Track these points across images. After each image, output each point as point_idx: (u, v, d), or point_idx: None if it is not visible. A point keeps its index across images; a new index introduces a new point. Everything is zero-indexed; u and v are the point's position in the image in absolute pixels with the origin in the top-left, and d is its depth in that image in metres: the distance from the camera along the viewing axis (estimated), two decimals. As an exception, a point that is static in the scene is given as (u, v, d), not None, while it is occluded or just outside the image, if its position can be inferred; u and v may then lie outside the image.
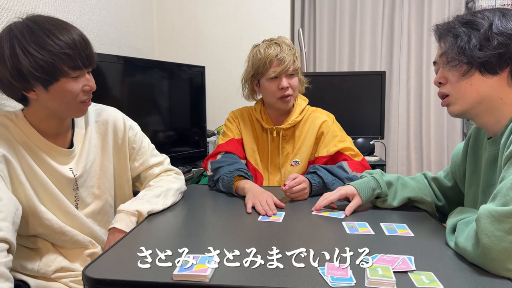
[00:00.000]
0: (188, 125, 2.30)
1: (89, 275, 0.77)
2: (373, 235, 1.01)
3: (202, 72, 2.34)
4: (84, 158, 1.17)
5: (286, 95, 1.49)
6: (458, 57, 0.91)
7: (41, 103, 1.06)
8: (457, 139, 3.06)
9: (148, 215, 1.16)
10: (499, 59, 0.88)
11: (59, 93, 1.04)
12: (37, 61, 0.97)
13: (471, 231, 0.83)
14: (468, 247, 0.82)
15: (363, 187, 1.19)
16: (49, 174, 1.10)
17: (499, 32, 0.88)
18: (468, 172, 1.09)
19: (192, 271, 0.77)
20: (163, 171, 1.35)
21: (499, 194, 0.80)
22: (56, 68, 1.00)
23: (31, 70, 0.97)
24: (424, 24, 2.97)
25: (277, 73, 1.46)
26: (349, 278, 0.76)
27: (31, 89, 1.02)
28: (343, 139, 1.54)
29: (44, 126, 1.10)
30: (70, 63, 1.01)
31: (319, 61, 3.04)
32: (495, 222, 0.77)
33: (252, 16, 2.72)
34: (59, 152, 1.13)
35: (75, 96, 1.06)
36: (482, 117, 0.95)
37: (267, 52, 1.47)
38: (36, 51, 0.97)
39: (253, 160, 1.60)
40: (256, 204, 1.22)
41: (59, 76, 1.01)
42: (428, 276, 0.77)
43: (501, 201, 0.79)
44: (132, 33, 2.37)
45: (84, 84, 1.07)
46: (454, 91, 0.95)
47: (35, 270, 1.08)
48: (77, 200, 1.17)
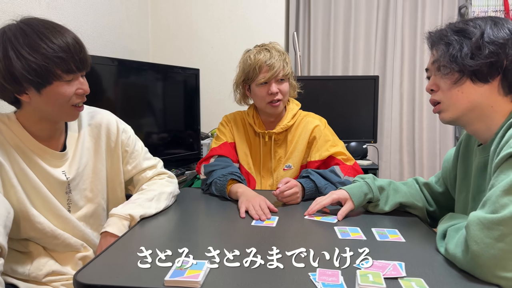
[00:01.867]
0: (182, 127, 2.30)
1: (80, 281, 0.77)
2: (364, 240, 1.01)
3: (196, 75, 2.34)
4: (77, 161, 1.17)
5: (276, 100, 1.50)
6: (450, 65, 0.92)
7: (33, 106, 1.05)
8: (449, 143, 3.09)
9: (141, 219, 1.16)
10: (490, 68, 0.89)
11: (52, 96, 1.03)
12: (30, 64, 0.97)
13: (461, 237, 0.84)
14: (458, 254, 0.83)
15: (355, 192, 1.20)
16: (42, 177, 1.09)
17: (490, 41, 0.89)
18: (458, 178, 1.10)
19: (183, 277, 0.77)
20: (156, 175, 1.34)
21: (488, 201, 0.81)
22: (49, 71, 0.99)
23: (24, 73, 0.97)
24: (417, 29, 2.99)
25: (266, 78, 1.47)
26: (340, 284, 0.76)
27: (23, 92, 1.02)
28: (335, 144, 1.55)
29: (36, 129, 1.10)
30: (63, 67, 1.01)
31: (314, 65, 3.05)
32: (485, 229, 0.78)
33: (247, 19, 2.72)
34: (51, 155, 1.12)
35: (68, 100, 1.06)
36: (473, 125, 0.96)
37: (257, 57, 1.48)
38: (29, 54, 0.97)
39: (246, 164, 1.60)
40: (249, 208, 1.22)
41: (52, 80, 1.01)
42: (418, 282, 0.77)
43: (490, 208, 0.80)
44: (127, 35, 2.37)
45: (77, 87, 1.07)
46: (446, 98, 0.96)
47: (26, 274, 1.07)
48: (69, 203, 1.16)
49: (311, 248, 0.93)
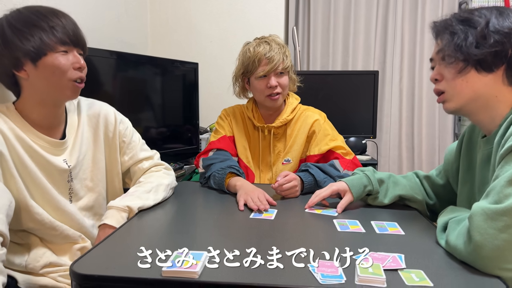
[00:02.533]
0: (180, 121, 2.29)
1: (77, 271, 0.76)
2: (363, 233, 1.01)
3: (195, 69, 2.33)
4: (77, 149, 1.17)
5: (275, 93, 1.49)
6: (455, 55, 0.92)
7: (32, 86, 1.07)
8: (449, 139, 3.09)
9: (139, 211, 1.15)
10: (494, 57, 0.89)
11: (48, 69, 1.04)
12: (24, 35, 1.01)
13: (463, 228, 0.83)
14: (459, 245, 0.82)
15: (354, 184, 1.19)
16: (42, 167, 1.09)
17: (495, 30, 0.88)
18: (461, 170, 1.09)
19: (181, 267, 0.76)
20: (152, 166, 1.34)
21: (492, 192, 0.81)
22: (43, 41, 1.02)
23: (18, 44, 1.01)
24: (417, 24, 2.98)
25: (265, 71, 1.46)
26: (339, 275, 0.76)
27: (21, 68, 1.04)
28: (334, 138, 1.54)
29: (36, 116, 1.10)
30: (56, 37, 1.04)
31: (313, 59, 3.04)
32: (488, 219, 0.77)
33: (246, 14, 2.71)
34: (51, 144, 1.12)
35: (65, 72, 1.06)
36: (477, 115, 0.96)
37: (256, 50, 1.47)
38: (23, 26, 1.02)
39: (245, 158, 1.60)
40: (248, 200, 1.22)
41: (46, 50, 1.03)
42: (418, 274, 0.77)
43: (494, 198, 0.79)
44: (126, 28, 2.35)
45: (74, 61, 1.08)
46: (450, 88, 0.95)
47: (23, 266, 1.07)
48: (71, 192, 1.16)
49: (310, 243, 0.93)
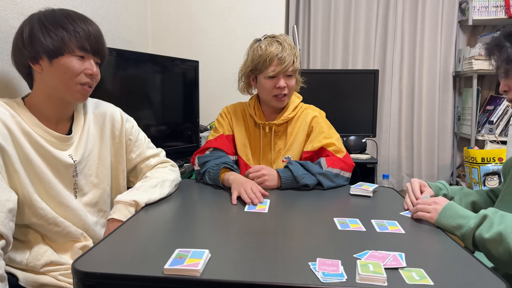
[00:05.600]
0: (180, 119, 2.29)
1: (79, 268, 0.76)
2: (364, 231, 1.01)
3: (195, 67, 2.32)
4: (82, 145, 1.19)
5: (282, 94, 1.50)
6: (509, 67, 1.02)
7: (43, 80, 1.10)
8: (448, 139, 3.09)
9: (145, 205, 1.18)
10: None
11: (61, 68, 1.08)
12: (49, 32, 1.06)
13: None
14: None
15: (432, 185, 1.29)
16: (47, 161, 1.10)
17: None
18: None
19: (183, 265, 0.76)
20: (159, 163, 1.38)
21: None
22: (64, 42, 1.07)
23: (41, 39, 1.05)
24: (417, 24, 2.98)
25: (276, 72, 1.46)
26: (340, 274, 0.76)
27: (37, 62, 1.07)
28: (329, 136, 1.54)
29: (44, 110, 1.12)
30: (77, 42, 1.08)
31: (313, 58, 3.04)
32: None
33: (247, 12, 2.71)
34: (58, 138, 1.13)
35: (75, 75, 1.10)
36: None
37: (268, 49, 1.46)
38: (51, 24, 1.07)
39: (245, 155, 1.60)
40: (241, 192, 1.25)
41: (64, 51, 1.07)
42: (418, 272, 0.77)
43: None
44: (126, 26, 2.35)
45: (87, 67, 1.12)
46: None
47: (24, 263, 1.07)
48: (76, 187, 1.18)
49: (311, 241, 0.93)
